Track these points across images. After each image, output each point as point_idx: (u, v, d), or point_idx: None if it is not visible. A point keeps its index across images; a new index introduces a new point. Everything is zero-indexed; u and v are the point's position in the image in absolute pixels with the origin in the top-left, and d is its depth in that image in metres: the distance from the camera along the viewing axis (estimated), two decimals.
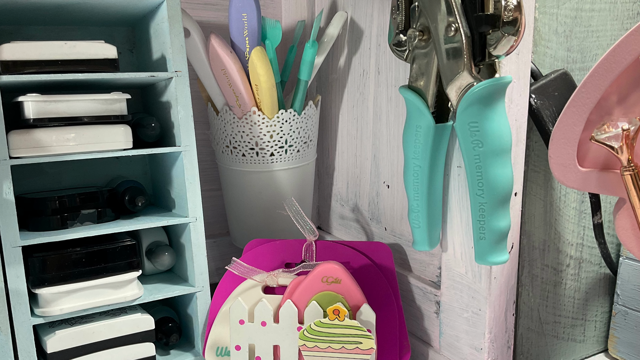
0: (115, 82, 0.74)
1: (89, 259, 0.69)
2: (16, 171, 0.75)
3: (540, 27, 0.63)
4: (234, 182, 0.87)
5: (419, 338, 0.75)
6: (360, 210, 0.86)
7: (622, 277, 0.73)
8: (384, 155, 0.79)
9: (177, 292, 0.75)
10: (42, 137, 0.65)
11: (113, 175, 0.85)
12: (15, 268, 0.64)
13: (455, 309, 0.67)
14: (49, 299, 0.67)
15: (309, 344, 0.65)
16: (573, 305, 0.73)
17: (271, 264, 0.75)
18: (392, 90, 0.76)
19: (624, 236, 0.56)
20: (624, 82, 0.51)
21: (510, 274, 0.64)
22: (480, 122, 0.53)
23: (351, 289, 0.66)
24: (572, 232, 0.70)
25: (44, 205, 0.70)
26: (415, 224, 0.65)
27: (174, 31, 0.70)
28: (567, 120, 0.52)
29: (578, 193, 0.69)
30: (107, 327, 0.71)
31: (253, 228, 0.88)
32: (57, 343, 0.68)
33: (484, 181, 0.55)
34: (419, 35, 0.57)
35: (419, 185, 0.62)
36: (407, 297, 0.75)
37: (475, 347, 0.65)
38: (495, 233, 0.56)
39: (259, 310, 0.67)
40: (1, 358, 0.65)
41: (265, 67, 0.78)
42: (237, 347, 0.69)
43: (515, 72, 0.59)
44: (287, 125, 0.82)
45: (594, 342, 0.77)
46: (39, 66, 0.65)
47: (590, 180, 0.55)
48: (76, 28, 0.81)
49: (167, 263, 0.78)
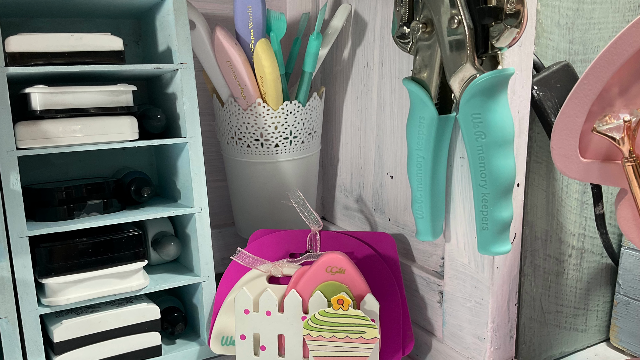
0: (122, 74, 0.74)
1: (96, 249, 0.69)
2: (23, 162, 0.75)
3: (542, 19, 0.63)
4: (239, 173, 0.87)
5: (422, 327, 0.75)
6: (364, 200, 0.87)
7: (623, 267, 0.74)
8: (387, 147, 0.79)
9: (182, 282, 0.75)
10: (49, 129, 0.66)
11: (119, 166, 0.86)
12: (22, 258, 0.64)
13: (458, 299, 0.68)
14: (55, 289, 0.68)
15: (313, 334, 0.65)
16: (575, 295, 0.73)
17: (276, 254, 0.76)
18: (395, 82, 0.76)
19: (625, 226, 0.56)
20: (626, 74, 0.51)
21: (513, 264, 0.64)
22: (483, 113, 0.53)
23: (355, 278, 0.67)
24: (574, 222, 0.70)
25: (51, 196, 0.70)
26: (419, 215, 0.65)
27: (180, 23, 0.70)
28: (569, 112, 0.52)
29: (580, 184, 0.70)
30: (113, 317, 0.71)
31: (258, 218, 0.88)
32: (64, 332, 0.69)
33: (486, 172, 0.55)
34: (422, 28, 0.57)
35: (422, 176, 0.62)
36: (410, 286, 0.75)
37: (478, 336, 0.66)
38: (497, 223, 0.57)
39: (263, 300, 0.68)
40: (8, 347, 0.65)
41: (270, 59, 0.78)
42: (242, 337, 0.69)
43: (518, 64, 0.59)
44: (292, 117, 0.83)
45: (596, 332, 0.77)
46: (46, 58, 0.65)
47: (592, 171, 0.55)
48: (83, 20, 0.81)
49: (173, 253, 0.79)
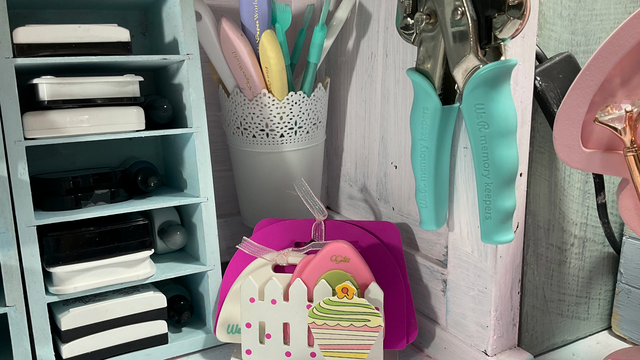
0: (128, 65, 0.74)
1: (103, 238, 0.70)
2: (31, 152, 0.76)
3: (545, 10, 0.63)
4: (244, 163, 0.87)
5: (426, 316, 0.75)
6: (369, 190, 0.87)
7: (625, 256, 0.74)
8: (391, 137, 0.80)
9: (188, 270, 0.76)
10: (57, 119, 0.66)
11: (126, 156, 0.86)
12: (30, 247, 0.65)
13: (461, 287, 0.68)
14: (63, 278, 0.68)
15: (318, 322, 0.65)
16: (577, 283, 0.74)
17: (281, 243, 0.76)
18: (399, 72, 0.76)
19: (627, 216, 0.56)
20: (627, 65, 0.51)
21: (516, 253, 0.65)
22: (486, 104, 0.54)
23: (359, 267, 0.67)
24: (576, 211, 0.71)
25: (59, 186, 0.70)
26: (423, 204, 0.65)
27: (186, 15, 0.70)
28: (572, 102, 0.52)
29: (582, 173, 0.70)
30: (120, 305, 0.72)
31: (263, 208, 0.89)
32: (71, 320, 0.69)
33: (489, 162, 0.55)
34: (426, 19, 0.57)
35: (426, 165, 0.63)
36: (414, 275, 0.76)
37: (481, 324, 0.66)
38: (500, 213, 0.57)
39: (269, 289, 0.68)
40: (16, 335, 0.66)
41: (275, 50, 0.78)
42: (247, 325, 0.69)
43: (521, 55, 0.59)
44: (297, 107, 0.83)
45: (598, 320, 0.78)
46: (53, 49, 0.66)
47: (594, 161, 0.55)
48: (90, 12, 0.82)
49: (179, 242, 0.79)
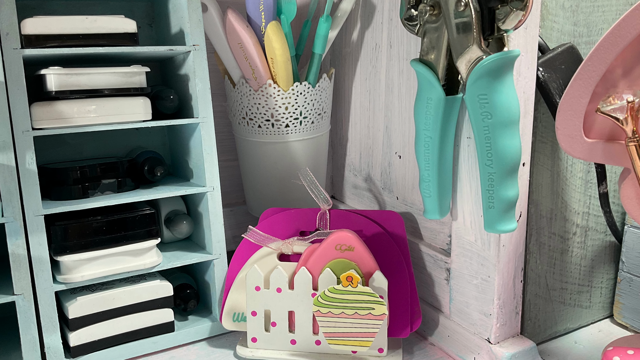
0: (135, 56, 0.75)
1: (110, 227, 0.70)
2: (39, 142, 0.76)
3: (547, 2, 0.63)
4: (250, 153, 0.88)
5: (429, 304, 0.76)
6: (373, 179, 0.87)
7: (627, 244, 0.74)
8: (395, 127, 0.80)
9: (194, 259, 0.76)
10: (64, 109, 0.67)
11: (133, 146, 0.87)
12: (37, 236, 0.66)
13: (465, 276, 0.69)
14: (70, 266, 0.69)
15: (322, 310, 0.66)
16: (579, 272, 0.74)
17: (286, 232, 0.76)
18: (403, 63, 0.76)
19: (628, 205, 0.57)
20: (629, 56, 0.52)
21: (519, 242, 0.65)
22: (490, 94, 0.54)
23: (364, 256, 0.68)
24: (578, 201, 0.71)
25: (66, 175, 0.71)
26: (426, 193, 0.66)
27: (192, 6, 0.71)
28: (574, 93, 0.53)
29: (584, 163, 0.70)
30: (127, 294, 0.72)
31: (269, 197, 0.89)
32: (78, 309, 0.70)
33: (493, 152, 0.56)
34: (430, 10, 0.58)
35: (429, 155, 0.63)
36: (418, 264, 0.76)
37: (484, 312, 0.67)
38: (503, 202, 0.57)
39: (274, 277, 0.69)
40: (24, 323, 0.67)
41: (280, 41, 0.78)
42: (253, 313, 0.70)
43: (523, 46, 0.59)
44: (302, 98, 0.83)
45: (600, 308, 0.78)
46: (61, 40, 0.66)
47: (596, 151, 0.56)
48: (97, 3, 0.82)
49: (185, 231, 0.80)
